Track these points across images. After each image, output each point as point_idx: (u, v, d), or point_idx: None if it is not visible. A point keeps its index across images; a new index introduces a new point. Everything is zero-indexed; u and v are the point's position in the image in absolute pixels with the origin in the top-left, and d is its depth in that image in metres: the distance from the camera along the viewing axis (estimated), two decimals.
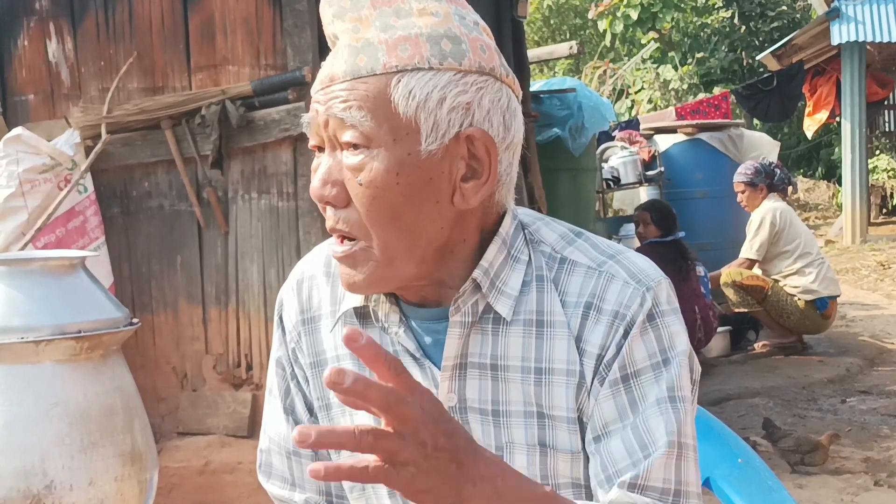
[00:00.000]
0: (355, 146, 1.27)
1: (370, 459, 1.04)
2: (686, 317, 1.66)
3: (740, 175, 7.38)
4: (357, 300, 1.42)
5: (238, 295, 4.14)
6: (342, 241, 1.32)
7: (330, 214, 1.32)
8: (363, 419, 1.43)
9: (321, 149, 1.33)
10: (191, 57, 4.14)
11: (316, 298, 1.50)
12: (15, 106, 4.37)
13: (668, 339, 1.34)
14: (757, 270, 7.27)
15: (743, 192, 7.36)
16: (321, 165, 1.31)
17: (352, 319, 1.44)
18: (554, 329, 1.35)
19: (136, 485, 2.84)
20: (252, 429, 4.09)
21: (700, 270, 6.79)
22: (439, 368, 1.37)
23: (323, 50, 4.04)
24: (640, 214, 6.93)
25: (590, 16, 22.62)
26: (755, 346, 7.53)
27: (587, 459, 1.36)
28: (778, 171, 7.39)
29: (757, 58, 17.63)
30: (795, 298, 7.09)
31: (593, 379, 1.34)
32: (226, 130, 3.99)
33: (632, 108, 19.85)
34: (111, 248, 4.22)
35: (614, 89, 20.21)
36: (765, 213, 7.14)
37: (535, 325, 1.36)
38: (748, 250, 7.21)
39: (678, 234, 6.74)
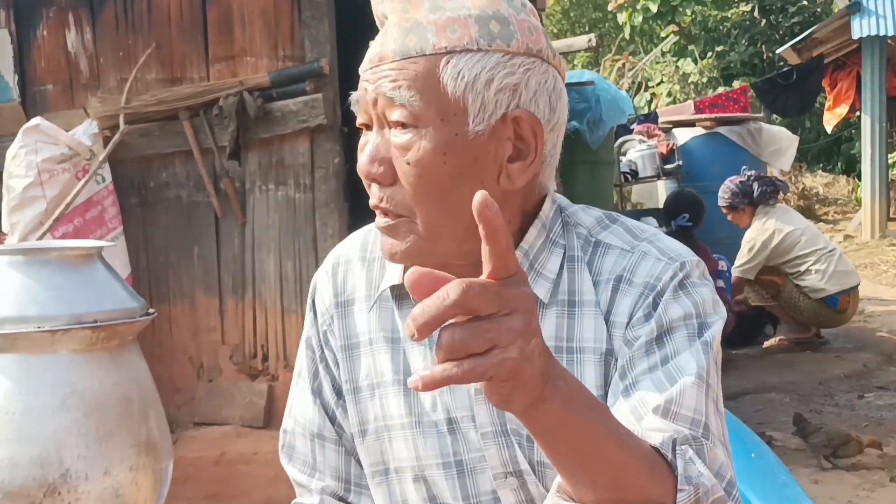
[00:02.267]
0: (404, 125, 1.28)
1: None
2: None
3: (720, 199, 7.31)
4: (398, 277, 1.43)
5: (255, 286, 4.15)
6: (385, 216, 1.34)
7: (375, 191, 1.33)
8: (393, 403, 1.44)
9: (368, 127, 1.34)
10: (209, 48, 4.15)
11: (350, 282, 1.51)
12: (34, 96, 4.39)
13: (702, 306, 1.32)
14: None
15: (728, 215, 7.35)
16: (369, 143, 1.33)
17: (387, 303, 1.45)
18: (583, 308, 1.36)
19: (151, 475, 2.84)
20: (268, 420, 4.11)
21: (722, 264, 6.73)
22: None
23: (340, 42, 4.05)
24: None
25: (609, 8, 22.52)
26: (773, 340, 7.48)
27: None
28: (756, 185, 7.17)
29: (777, 52, 17.53)
30: (806, 295, 7.04)
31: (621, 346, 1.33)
32: (243, 122, 4.00)
33: (651, 101, 19.77)
34: (129, 239, 4.24)
35: (633, 82, 20.12)
36: (755, 235, 7.06)
37: (567, 306, 1.37)
38: (741, 270, 7.09)
39: (672, 225, 6.66)
